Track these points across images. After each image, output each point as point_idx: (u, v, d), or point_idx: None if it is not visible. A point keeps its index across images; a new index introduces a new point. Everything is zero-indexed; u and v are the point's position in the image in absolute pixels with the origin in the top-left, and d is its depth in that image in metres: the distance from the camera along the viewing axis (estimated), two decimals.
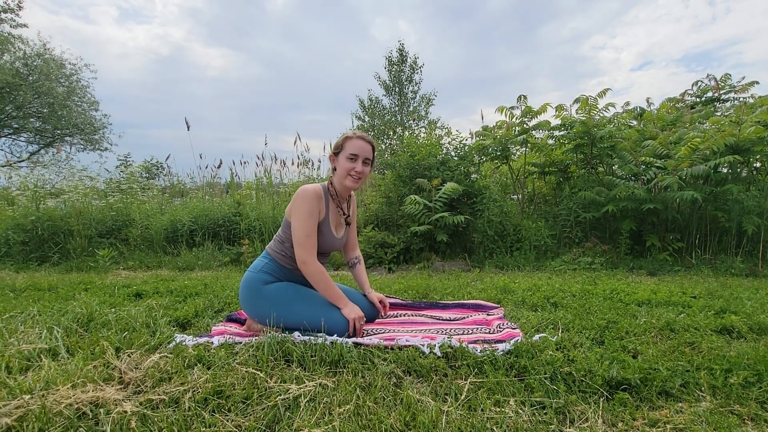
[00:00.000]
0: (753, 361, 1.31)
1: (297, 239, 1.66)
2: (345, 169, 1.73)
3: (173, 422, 0.99)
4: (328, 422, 1.00)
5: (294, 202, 1.68)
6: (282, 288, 1.73)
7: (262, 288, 1.71)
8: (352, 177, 1.73)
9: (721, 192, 3.76)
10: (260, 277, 1.74)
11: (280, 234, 1.81)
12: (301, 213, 1.65)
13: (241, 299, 1.75)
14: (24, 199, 4.98)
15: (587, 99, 4.43)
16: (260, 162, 5.93)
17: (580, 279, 3.04)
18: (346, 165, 1.72)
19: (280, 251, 1.77)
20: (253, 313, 1.73)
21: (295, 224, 1.66)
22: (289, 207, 1.73)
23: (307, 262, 1.65)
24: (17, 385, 1.13)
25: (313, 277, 1.67)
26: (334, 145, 1.79)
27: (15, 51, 14.72)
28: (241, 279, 1.80)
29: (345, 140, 1.74)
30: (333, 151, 1.79)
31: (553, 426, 1.01)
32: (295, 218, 1.67)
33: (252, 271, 1.77)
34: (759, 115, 3.78)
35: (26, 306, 2.12)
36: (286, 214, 1.76)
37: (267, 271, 1.77)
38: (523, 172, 5.04)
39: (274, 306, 1.67)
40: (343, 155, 1.73)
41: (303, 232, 1.65)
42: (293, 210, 1.68)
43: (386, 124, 18.27)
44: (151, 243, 4.59)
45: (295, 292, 1.72)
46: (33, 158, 15.64)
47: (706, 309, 2.04)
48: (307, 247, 1.65)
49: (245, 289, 1.74)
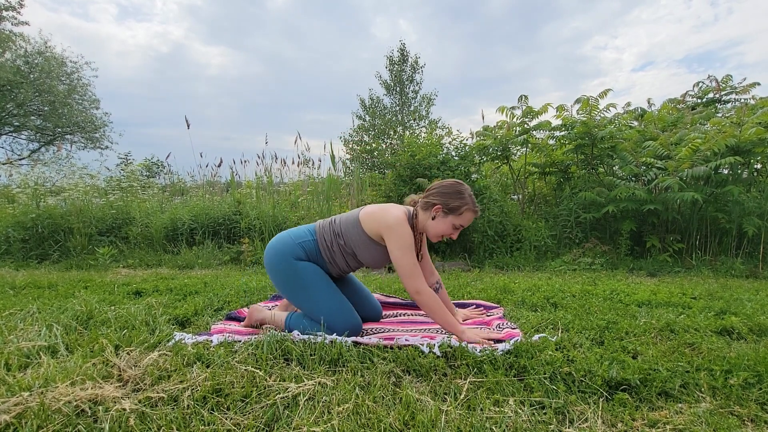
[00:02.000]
0: (753, 362, 1.31)
1: (406, 272, 1.58)
2: (444, 231, 1.67)
3: (172, 420, 0.99)
4: (327, 421, 1.00)
5: (394, 230, 1.59)
6: (312, 270, 1.68)
7: (292, 261, 1.67)
8: (442, 238, 1.72)
9: (722, 193, 3.75)
10: (295, 250, 1.68)
11: (341, 227, 1.71)
12: (404, 246, 1.59)
13: (268, 258, 1.70)
14: (24, 196, 4.98)
15: (588, 99, 4.43)
16: (261, 161, 5.94)
17: (580, 279, 3.04)
18: (447, 229, 1.67)
19: (330, 243, 1.71)
20: (272, 275, 1.70)
21: (398, 255, 1.59)
22: (378, 226, 1.63)
23: (421, 291, 1.58)
24: (16, 382, 1.13)
25: (429, 306, 1.59)
26: (450, 200, 1.65)
27: (16, 49, 14.73)
28: (276, 237, 1.74)
29: (466, 209, 1.65)
30: (445, 206, 1.65)
31: (553, 426, 1.01)
32: (397, 249, 1.59)
33: (291, 238, 1.71)
34: (760, 117, 3.78)
35: (26, 303, 2.12)
36: (364, 220, 1.67)
37: (305, 248, 1.71)
38: (523, 173, 5.03)
39: (298, 283, 1.64)
40: (453, 219, 1.65)
41: (410, 262, 1.58)
42: (393, 238, 1.59)
43: (387, 124, 18.27)
44: (151, 241, 4.59)
45: (326, 284, 1.67)
46: (34, 156, 15.68)
47: (706, 310, 2.04)
48: (417, 276, 1.58)
49: (276, 254, 1.68)
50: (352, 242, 1.69)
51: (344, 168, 6.78)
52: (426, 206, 1.69)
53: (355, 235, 1.68)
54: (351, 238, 1.69)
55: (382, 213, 1.64)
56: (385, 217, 1.63)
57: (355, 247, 1.70)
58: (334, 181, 5.49)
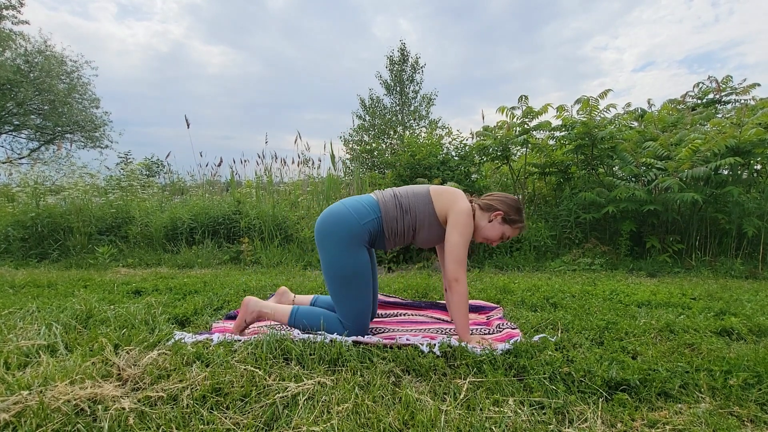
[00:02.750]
0: (752, 362, 1.31)
1: (458, 258, 1.60)
2: (494, 236, 1.73)
3: (171, 419, 0.99)
4: (326, 420, 1.00)
5: (463, 217, 1.63)
6: (366, 267, 1.64)
7: (354, 251, 1.61)
8: (490, 242, 1.76)
9: (722, 194, 3.75)
10: (362, 235, 1.62)
11: (408, 203, 1.68)
12: (466, 233, 1.62)
13: (326, 239, 1.63)
14: (24, 195, 4.98)
15: (588, 100, 4.43)
16: (261, 160, 5.94)
17: (580, 280, 3.04)
18: (497, 235, 1.73)
19: (395, 218, 1.66)
20: (325, 255, 1.63)
21: (458, 241, 1.61)
22: (448, 208, 1.66)
23: (460, 280, 1.60)
24: (16, 381, 1.13)
25: (462, 297, 1.59)
26: (512, 212, 1.72)
27: (16, 48, 14.73)
28: (337, 213, 1.65)
29: (520, 226, 1.75)
30: (507, 215, 1.71)
31: (552, 426, 1.01)
32: (459, 236, 1.61)
33: (356, 218, 1.63)
34: (760, 118, 3.78)
35: (25, 302, 2.12)
36: (436, 199, 1.68)
37: (371, 230, 1.65)
38: (523, 173, 5.03)
39: (346, 277, 1.60)
40: (506, 229, 1.73)
41: (464, 251, 1.61)
42: (460, 224, 1.62)
43: (387, 124, 18.27)
44: (150, 240, 4.59)
45: (368, 282, 1.65)
46: (33, 155, 15.68)
47: (705, 310, 2.04)
48: (464, 266, 1.61)
49: (339, 240, 1.61)
50: (420, 219, 1.68)
51: (344, 168, 6.78)
52: (487, 208, 1.74)
53: (424, 212, 1.68)
54: (420, 214, 1.68)
55: (454, 197, 1.68)
56: (457, 202, 1.66)
57: (421, 225, 1.69)
58: (334, 180, 5.49)
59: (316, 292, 2.49)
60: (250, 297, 1.72)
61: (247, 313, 1.67)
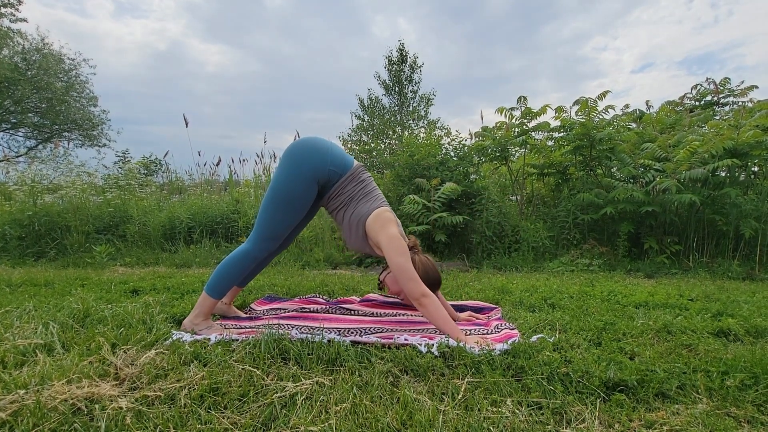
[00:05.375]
0: (750, 363, 1.31)
1: (408, 274, 1.56)
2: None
3: (169, 419, 0.99)
4: (324, 420, 1.00)
5: (394, 240, 1.61)
6: (308, 199, 1.68)
7: (309, 179, 1.65)
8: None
9: (719, 195, 3.77)
10: (323, 174, 1.67)
11: (361, 193, 1.73)
12: (403, 251, 1.60)
13: (293, 157, 1.66)
14: (21, 194, 4.96)
15: (587, 101, 4.44)
16: (259, 160, 5.93)
17: (578, 280, 3.05)
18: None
19: (345, 188, 1.72)
20: (281, 171, 1.67)
21: (398, 260, 1.57)
22: (380, 233, 1.64)
23: (427, 294, 1.55)
24: (12, 380, 1.12)
25: (437, 312, 1.54)
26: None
27: (14, 46, 14.68)
28: (317, 142, 1.70)
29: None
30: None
31: (550, 426, 1.01)
32: (397, 255, 1.58)
33: (329, 158, 1.69)
34: (758, 119, 3.80)
35: (22, 301, 2.11)
36: (371, 222, 1.67)
37: (330, 177, 1.70)
38: (522, 173, 5.04)
39: (284, 198, 1.65)
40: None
41: (411, 266, 1.58)
42: (393, 248, 1.59)
43: (386, 124, 18.26)
44: (148, 240, 4.58)
45: (297, 213, 1.69)
46: (31, 153, 15.60)
47: (703, 312, 2.04)
48: (419, 280, 1.57)
49: (301, 162, 1.64)
50: (350, 214, 1.72)
51: None
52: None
53: (359, 213, 1.70)
54: (355, 211, 1.71)
55: (388, 224, 1.67)
56: (386, 228, 1.65)
57: (349, 217, 1.73)
58: None
59: (314, 291, 2.49)
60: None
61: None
